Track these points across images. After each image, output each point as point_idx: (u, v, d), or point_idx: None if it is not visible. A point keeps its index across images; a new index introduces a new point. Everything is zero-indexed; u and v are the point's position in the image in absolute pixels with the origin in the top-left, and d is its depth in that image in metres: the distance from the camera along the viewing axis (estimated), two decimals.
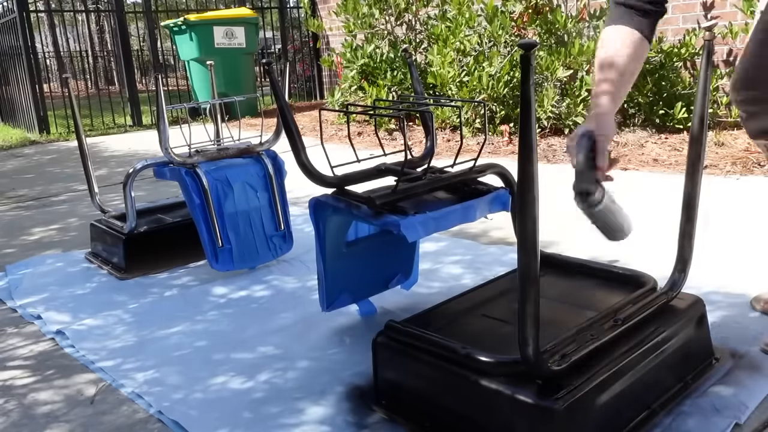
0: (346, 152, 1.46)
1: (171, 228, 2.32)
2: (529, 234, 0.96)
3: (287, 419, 1.28)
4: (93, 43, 17.36)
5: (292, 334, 1.67)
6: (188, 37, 6.40)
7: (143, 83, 9.84)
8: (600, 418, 1.11)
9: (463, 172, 1.42)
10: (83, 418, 1.34)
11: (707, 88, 1.24)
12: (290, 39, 8.21)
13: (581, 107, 3.81)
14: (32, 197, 3.67)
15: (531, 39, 1.62)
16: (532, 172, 0.93)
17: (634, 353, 1.16)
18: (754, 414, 1.18)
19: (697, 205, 1.30)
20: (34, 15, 7.41)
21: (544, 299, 1.11)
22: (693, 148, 1.28)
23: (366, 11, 5.06)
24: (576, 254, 1.71)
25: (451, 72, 4.22)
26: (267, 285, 2.03)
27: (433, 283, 1.93)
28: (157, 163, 2.09)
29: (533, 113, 0.91)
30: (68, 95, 2.34)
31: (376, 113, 1.55)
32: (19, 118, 7.09)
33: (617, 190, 1.32)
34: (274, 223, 2.15)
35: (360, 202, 1.33)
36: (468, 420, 1.15)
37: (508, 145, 3.97)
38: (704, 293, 1.59)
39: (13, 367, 1.59)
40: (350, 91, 5.12)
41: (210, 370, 1.50)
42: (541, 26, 4.02)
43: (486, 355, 1.11)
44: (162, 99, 1.98)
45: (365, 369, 1.40)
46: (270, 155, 2.15)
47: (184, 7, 11.94)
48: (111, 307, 1.92)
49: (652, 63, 3.80)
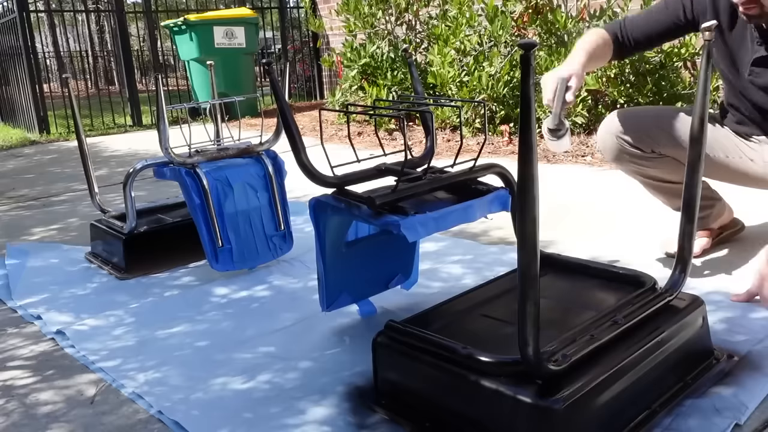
0: (346, 152, 1.46)
1: (171, 228, 2.32)
2: (529, 234, 0.96)
3: (288, 419, 1.28)
4: (93, 43, 17.36)
5: (292, 334, 1.67)
6: (188, 37, 6.40)
7: (143, 83, 9.84)
8: (600, 418, 1.11)
9: (463, 172, 1.42)
10: (84, 418, 1.34)
11: (707, 88, 1.24)
12: (290, 39, 8.21)
13: (581, 107, 3.81)
14: (32, 197, 3.67)
15: (531, 39, 1.62)
16: (532, 172, 0.93)
17: (634, 353, 1.16)
18: (754, 414, 1.18)
19: (697, 205, 1.30)
20: (34, 15, 7.41)
21: (544, 299, 1.11)
22: (693, 148, 1.28)
23: (367, 11, 5.06)
24: (576, 254, 1.71)
25: (451, 72, 4.22)
26: (267, 285, 2.03)
27: (434, 283, 1.93)
28: (157, 163, 2.09)
29: (533, 113, 0.91)
30: (68, 95, 2.35)
31: (376, 113, 1.55)
32: (19, 118, 7.09)
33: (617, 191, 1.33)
34: (274, 223, 2.15)
35: (360, 202, 1.33)
36: (468, 420, 1.15)
37: (508, 145, 3.97)
38: (704, 293, 1.59)
39: (14, 367, 1.59)
40: (350, 91, 5.12)
41: (210, 370, 1.50)
42: (541, 26, 4.02)
43: (486, 355, 1.12)
44: (162, 99, 1.98)
45: (365, 369, 1.40)
46: (270, 155, 2.15)
47: (184, 7, 11.93)
48: (111, 307, 1.92)
49: (652, 63, 3.80)
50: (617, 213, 2.47)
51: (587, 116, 3.83)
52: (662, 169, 1.86)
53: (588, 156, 3.50)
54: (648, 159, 1.85)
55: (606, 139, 1.89)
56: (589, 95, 3.82)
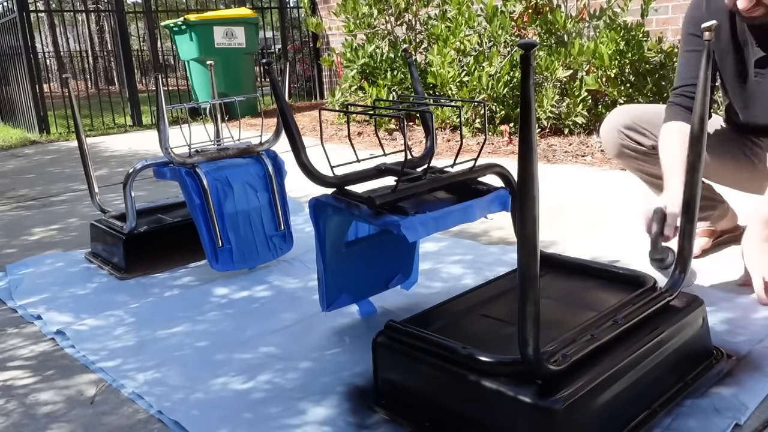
0: (346, 152, 1.46)
1: (171, 228, 2.32)
2: (529, 234, 0.96)
3: (288, 419, 1.28)
4: (93, 43, 17.35)
5: (292, 335, 1.67)
6: (188, 37, 6.40)
7: (143, 83, 9.83)
8: (600, 418, 1.11)
9: (463, 172, 1.42)
10: (84, 418, 1.34)
11: (707, 88, 1.24)
12: (290, 39, 8.21)
13: (581, 107, 3.81)
14: (32, 197, 3.67)
15: (531, 39, 1.62)
16: (532, 172, 0.93)
17: (634, 353, 1.16)
18: (754, 414, 1.18)
19: (697, 205, 1.30)
20: (34, 15, 7.40)
21: (544, 299, 1.11)
22: (693, 148, 1.28)
23: (366, 11, 5.06)
24: (576, 254, 1.71)
25: (451, 72, 4.22)
26: (267, 285, 2.03)
27: (434, 283, 1.93)
28: (157, 163, 2.09)
29: (533, 113, 0.91)
30: (68, 95, 2.34)
31: (376, 113, 1.55)
32: (19, 118, 7.09)
33: (618, 191, 1.33)
34: (274, 223, 2.15)
35: (360, 202, 1.33)
36: (468, 420, 1.15)
37: (508, 145, 3.97)
38: (705, 293, 1.59)
39: (14, 367, 1.59)
40: (350, 91, 5.12)
41: (211, 370, 1.50)
42: (541, 26, 4.02)
43: (486, 355, 1.12)
44: (162, 99, 1.98)
45: (365, 369, 1.40)
46: (270, 155, 2.15)
47: (184, 7, 11.93)
48: (111, 307, 1.92)
49: (652, 63, 3.80)
50: (617, 213, 2.47)
51: (587, 116, 3.83)
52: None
53: (588, 156, 3.50)
54: (650, 156, 1.85)
55: (609, 133, 1.89)
56: (589, 95, 3.82)
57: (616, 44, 3.68)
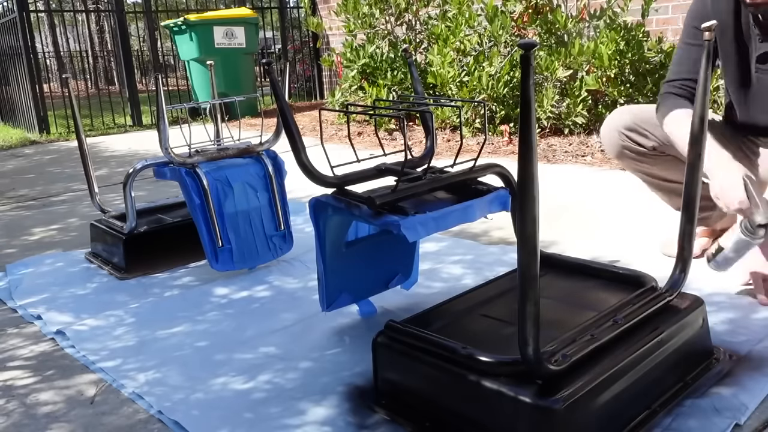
0: (346, 152, 1.46)
1: (171, 228, 2.32)
2: (529, 234, 0.96)
3: (288, 420, 1.28)
4: (93, 43, 17.36)
5: (292, 335, 1.67)
6: (188, 37, 6.40)
7: (143, 83, 9.83)
8: (600, 418, 1.11)
9: (463, 172, 1.42)
10: (84, 418, 1.34)
11: (707, 88, 1.24)
12: (290, 39, 8.21)
13: (581, 107, 3.81)
14: (32, 197, 3.67)
15: (531, 39, 1.62)
16: (532, 172, 0.93)
17: (634, 353, 1.16)
18: (754, 414, 1.18)
19: (696, 205, 1.30)
20: (34, 15, 7.41)
21: (544, 299, 1.11)
22: (693, 148, 1.28)
23: (366, 11, 5.06)
24: (576, 254, 1.71)
25: (451, 72, 4.22)
26: (267, 285, 2.03)
27: (434, 283, 1.93)
28: (157, 163, 2.09)
29: (533, 113, 0.91)
30: (68, 95, 2.34)
31: (376, 113, 1.55)
32: (19, 118, 7.09)
33: (618, 191, 1.33)
34: (274, 223, 2.15)
35: (360, 202, 1.33)
36: (468, 420, 1.15)
37: (508, 145, 3.97)
38: (705, 293, 1.59)
39: (14, 367, 1.59)
40: (350, 91, 5.12)
41: (211, 370, 1.50)
42: (541, 26, 4.02)
43: (486, 355, 1.12)
44: (162, 99, 1.98)
45: (365, 369, 1.40)
46: (270, 155, 2.15)
47: (184, 7, 11.94)
48: (111, 307, 1.92)
49: (652, 63, 3.80)
50: (617, 213, 2.47)
51: (587, 116, 3.83)
52: (663, 168, 1.86)
53: (588, 156, 3.50)
54: (650, 156, 1.85)
55: (609, 135, 1.89)
56: (589, 95, 3.82)
57: (616, 44, 3.68)
